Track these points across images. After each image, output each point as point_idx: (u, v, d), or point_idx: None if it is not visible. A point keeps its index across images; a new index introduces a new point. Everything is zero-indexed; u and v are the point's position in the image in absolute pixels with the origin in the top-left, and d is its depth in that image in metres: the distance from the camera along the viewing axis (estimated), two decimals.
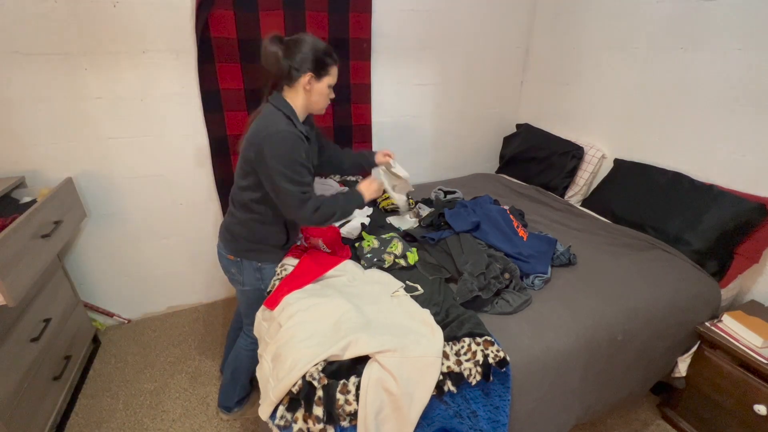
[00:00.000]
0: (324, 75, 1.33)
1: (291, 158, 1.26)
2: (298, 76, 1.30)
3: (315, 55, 1.29)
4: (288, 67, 1.29)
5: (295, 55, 1.28)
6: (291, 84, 1.33)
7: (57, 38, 1.74)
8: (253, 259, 1.49)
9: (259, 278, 1.51)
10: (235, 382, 1.68)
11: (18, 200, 1.72)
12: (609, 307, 1.47)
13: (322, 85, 1.34)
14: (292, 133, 1.27)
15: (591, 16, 2.33)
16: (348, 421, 1.06)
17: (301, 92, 1.34)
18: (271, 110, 1.32)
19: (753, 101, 1.71)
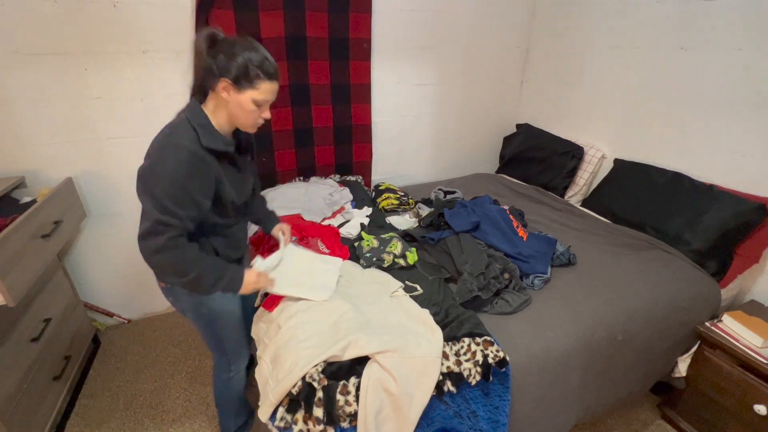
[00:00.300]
0: (247, 87, 1.09)
1: (172, 178, 1.04)
2: (215, 82, 1.09)
3: (242, 62, 1.07)
4: (208, 66, 1.08)
5: (218, 55, 1.07)
6: (213, 88, 1.11)
7: (57, 38, 1.74)
8: None
9: (197, 302, 1.26)
10: (226, 413, 1.56)
11: (18, 200, 1.72)
12: (609, 307, 1.47)
13: (243, 98, 1.10)
14: (189, 152, 1.05)
15: (591, 16, 2.33)
16: (348, 422, 1.06)
17: (218, 101, 1.13)
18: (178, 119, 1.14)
19: (753, 101, 1.71)
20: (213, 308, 1.28)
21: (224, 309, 1.31)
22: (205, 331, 1.35)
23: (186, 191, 1.06)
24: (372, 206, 2.12)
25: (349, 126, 2.41)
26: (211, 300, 1.26)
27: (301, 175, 2.42)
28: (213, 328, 1.33)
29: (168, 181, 1.05)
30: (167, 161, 1.06)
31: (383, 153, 2.63)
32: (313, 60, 2.17)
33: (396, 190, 2.34)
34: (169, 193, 1.05)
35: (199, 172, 1.08)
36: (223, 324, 1.33)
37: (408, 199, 2.29)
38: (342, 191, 2.24)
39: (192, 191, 1.08)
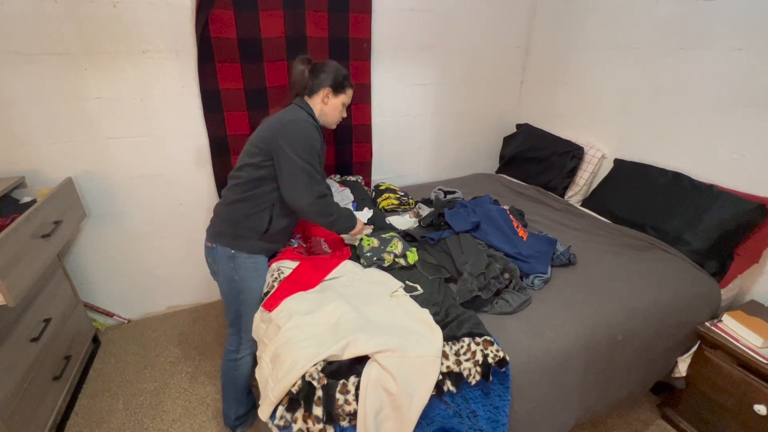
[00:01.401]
0: (340, 93, 1.52)
1: (309, 143, 1.37)
2: (319, 89, 1.49)
3: (336, 75, 1.50)
4: (312, 82, 1.49)
5: (320, 74, 1.49)
6: (311, 95, 1.51)
7: (57, 38, 1.74)
8: (227, 244, 1.45)
9: (232, 267, 1.46)
10: (229, 398, 1.62)
11: (18, 200, 1.72)
12: (609, 307, 1.47)
13: (337, 101, 1.52)
14: (312, 124, 1.42)
15: (591, 16, 2.33)
16: (347, 421, 1.06)
17: (318, 103, 1.51)
18: (293, 107, 1.48)
19: (753, 101, 1.71)
20: (243, 278, 1.47)
21: (252, 285, 1.49)
22: (229, 300, 1.52)
23: (317, 153, 1.42)
24: (372, 206, 2.12)
25: (349, 126, 2.41)
26: (245, 270, 1.46)
27: None
28: (237, 299, 1.49)
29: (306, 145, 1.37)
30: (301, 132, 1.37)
31: (383, 153, 2.63)
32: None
33: (396, 190, 2.34)
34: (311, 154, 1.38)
35: (318, 138, 1.43)
36: (246, 298, 1.49)
37: (408, 199, 2.29)
38: (342, 191, 2.24)
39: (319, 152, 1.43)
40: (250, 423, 1.69)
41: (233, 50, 1.98)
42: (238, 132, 2.14)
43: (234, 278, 1.47)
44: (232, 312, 1.52)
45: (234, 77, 2.03)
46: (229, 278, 1.48)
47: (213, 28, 1.90)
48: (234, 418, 1.64)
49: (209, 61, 1.96)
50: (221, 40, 1.94)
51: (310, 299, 1.35)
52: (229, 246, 1.45)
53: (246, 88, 2.08)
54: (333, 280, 1.49)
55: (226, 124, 2.11)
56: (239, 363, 1.56)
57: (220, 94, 2.04)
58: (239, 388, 1.60)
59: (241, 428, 1.67)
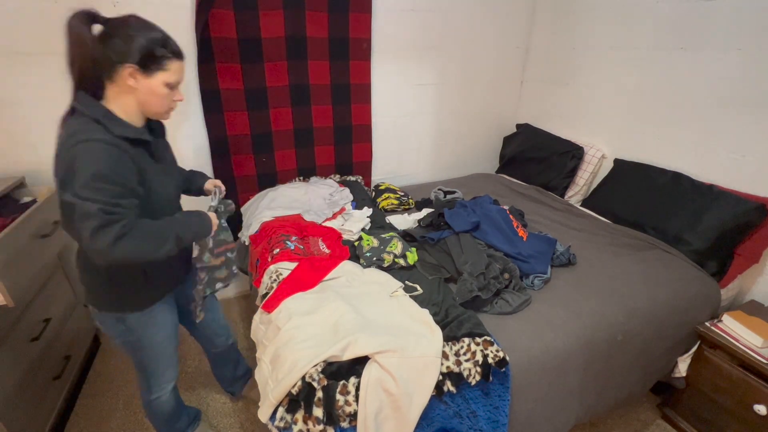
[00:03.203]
0: (156, 70, 1.01)
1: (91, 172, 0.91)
2: (117, 68, 0.98)
3: (144, 42, 0.98)
4: (103, 55, 0.97)
5: (112, 40, 0.97)
6: (111, 78, 1.00)
7: (57, 38, 1.73)
8: (109, 309, 1.17)
9: (125, 330, 1.19)
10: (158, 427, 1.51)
11: (18, 200, 1.72)
12: (609, 307, 1.47)
13: (154, 83, 1.02)
14: (99, 142, 0.94)
15: (591, 16, 2.33)
16: (348, 422, 1.06)
17: (126, 90, 1.01)
18: (72, 121, 1.01)
19: (753, 101, 1.71)
20: (141, 336, 1.22)
21: (153, 338, 1.25)
22: (131, 356, 1.29)
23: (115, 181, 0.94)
24: (372, 206, 2.12)
25: (349, 126, 2.41)
26: (139, 328, 1.20)
27: (301, 175, 2.42)
28: (138, 356, 1.28)
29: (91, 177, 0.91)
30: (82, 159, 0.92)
31: (383, 153, 2.63)
32: (313, 60, 2.17)
33: (396, 190, 2.35)
34: (99, 188, 0.92)
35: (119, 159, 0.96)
36: (149, 353, 1.28)
37: (408, 199, 2.29)
38: (342, 191, 2.24)
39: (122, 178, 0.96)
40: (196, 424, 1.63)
41: (233, 50, 1.98)
42: (238, 132, 2.14)
43: (130, 339, 1.22)
44: (137, 365, 1.31)
45: (234, 77, 2.03)
46: (125, 341, 1.23)
47: (213, 28, 1.90)
48: None
49: (209, 61, 1.96)
50: (221, 40, 1.94)
51: (310, 300, 1.36)
52: (113, 310, 1.17)
53: (246, 89, 2.07)
54: (332, 280, 1.49)
55: (226, 125, 2.11)
56: (155, 403, 1.39)
57: (220, 94, 2.04)
58: (165, 423, 1.48)
59: None
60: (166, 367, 1.35)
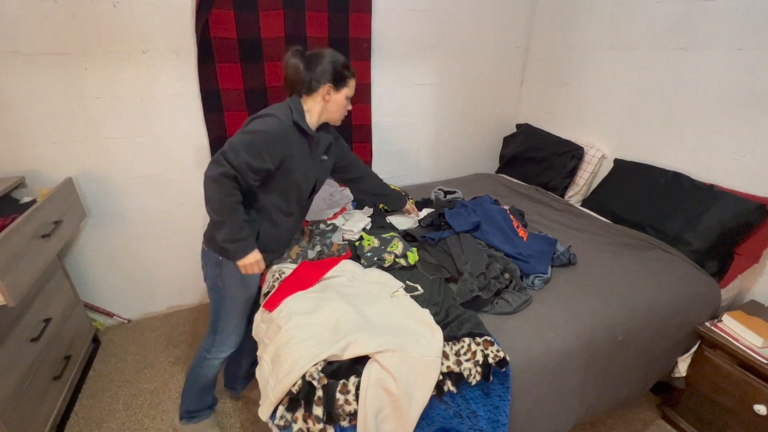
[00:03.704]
0: (342, 87, 1.39)
1: (253, 135, 1.24)
2: (318, 86, 1.36)
3: (334, 68, 1.36)
4: (309, 78, 1.35)
5: (316, 68, 1.35)
6: (310, 93, 1.38)
7: (57, 38, 1.74)
8: (217, 250, 1.37)
9: (217, 274, 1.39)
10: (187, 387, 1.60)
11: (18, 200, 1.72)
12: (609, 307, 1.47)
13: (340, 96, 1.40)
14: (281, 123, 1.28)
15: (591, 16, 2.33)
16: (348, 421, 1.06)
17: (319, 101, 1.39)
18: (278, 104, 1.36)
19: (753, 101, 1.71)
20: (227, 286, 1.40)
21: (235, 294, 1.43)
22: (212, 303, 1.46)
23: (258, 144, 1.23)
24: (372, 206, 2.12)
25: (349, 126, 2.41)
26: (229, 278, 1.39)
27: None
28: (219, 304, 1.44)
29: (250, 132, 1.24)
30: (258, 122, 1.26)
31: (383, 153, 2.63)
32: None
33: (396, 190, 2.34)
34: (244, 139, 1.23)
35: (278, 136, 1.27)
36: (227, 306, 1.44)
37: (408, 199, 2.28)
38: (343, 191, 2.23)
39: (263, 147, 1.24)
40: (196, 420, 1.65)
41: (233, 50, 1.98)
42: None
43: (218, 285, 1.41)
44: (213, 314, 1.48)
45: (234, 77, 2.03)
46: (214, 284, 1.42)
47: (213, 28, 1.90)
48: (185, 410, 1.63)
49: (209, 61, 1.96)
50: (221, 40, 1.94)
51: (311, 299, 1.36)
52: (218, 252, 1.37)
53: (246, 88, 2.07)
54: (333, 279, 1.49)
55: (226, 124, 2.11)
56: (206, 363, 1.53)
57: (220, 94, 2.04)
58: (197, 385, 1.58)
59: (187, 422, 1.64)
60: (234, 330, 1.50)
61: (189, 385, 1.59)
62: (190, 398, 1.61)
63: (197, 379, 1.57)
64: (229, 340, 1.51)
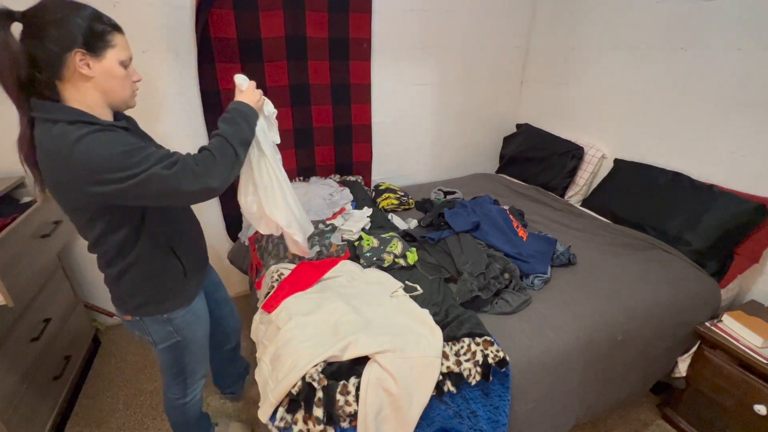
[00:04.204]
0: (104, 48, 0.90)
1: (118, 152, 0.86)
2: (65, 58, 0.86)
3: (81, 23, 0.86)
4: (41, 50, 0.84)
5: (45, 30, 0.84)
6: (60, 75, 0.88)
7: None
8: (155, 312, 1.14)
9: (171, 331, 1.17)
10: None
11: (18, 200, 1.72)
12: (609, 307, 1.47)
13: (107, 63, 0.91)
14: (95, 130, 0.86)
15: (591, 16, 2.33)
16: (348, 422, 1.06)
17: (82, 82, 0.89)
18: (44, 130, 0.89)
19: (753, 101, 1.71)
20: (186, 334, 1.21)
21: (197, 333, 1.26)
22: (170, 362, 1.25)
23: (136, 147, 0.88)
24: (372, 206, 2.12)
25: (349, 126, 2.41)
26: (185, 324, 1.19)
27: (301, 175, 2.42)
28: (181, 356, 1.24)
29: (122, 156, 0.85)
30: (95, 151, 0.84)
31: (383, 153, 2.63)
32: (313, 60, 2.17)
33: (396, 190, 2.34)
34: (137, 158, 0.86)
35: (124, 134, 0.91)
36: (192, 350, 1.26)
37: (408, 199, 2.29)
38: (342, 191, 2.24)
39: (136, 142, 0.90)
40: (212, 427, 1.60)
41: (233, 50, 1.98)
42: None
43: (176, 340, 1.20)
44: (176, 369, 1.27)
45: None
46: (169, 343, 1.19)
47: (213, 28, 1.90)
48: None
49: (209, 62, 1.96)
50: (221, 40, 1.93)
51: (310, 300, 1.36)
52: (159, 312, 1.14)
53: None
54: (332, 279, 1.49)
55: None
56: (188, 406, 1.38)
57: (220, 94, 2.04)
58: (196, 423, 1.47)
59: None
60: (202, 363, 1.35)
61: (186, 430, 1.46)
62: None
63: (189, 422, 1.43)
64: (201, 371, 1.35)
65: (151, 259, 1.08)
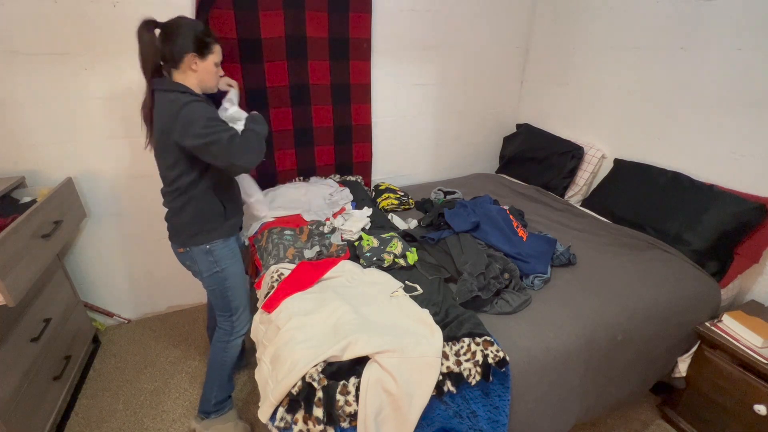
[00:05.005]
0: (208, 53, 1.36)
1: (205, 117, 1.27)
2: (182, 57, 1.31)
3: (195, 35, 1.32)
4: (170, 51, 1.31)
5: (176, 39, 1.30)
6: (177, 66, 1.33)
7: (57, 38, 1.74)
8: (200, 242, 1.45)
9: (212, 261, 1.48)
10: (213, 381, 1.64)
11: (18, 200, 1.72)
12: (609, 307, 1.47)
13: (207, 64, 1.37)
14: (194, 100, 1.29)
15: (591, 16, 2.33)
16: (348, 422, 1.06)
17: (189, 73, 1.35)
18: (162, 96, 1.31)
19: (753, 101, 1.71)
20: (224, 266, 1.50)
21: (233, 269, 1.53)
22: (216, 293, 1.54)
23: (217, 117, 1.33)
24: (372, 206, 2.12)
25: (349, 126, 2.41)
26: (222, 259, 1.49)
27: (301, 175, 2.42)
28: (224, 288, 1.52)
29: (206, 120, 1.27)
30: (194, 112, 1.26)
31: (383, 153, 2.63)
32: (313, 60, 2.17)
33: (396, 190, 2.35)
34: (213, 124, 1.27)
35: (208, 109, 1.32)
36: (231, 283, 1.53)
37: (408, 199, 2.29)
38: (342, 191, 2.24)
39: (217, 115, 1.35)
40: (226, 410, 1.68)
41: (233, 50, 1.98)
42: None
43: (216, 270, 1.50)
44: (221, 302, 1.56)
45: (234, 77, 2.02)
46: (212, 272, 1.50)
47: (213, 28, 1.89)
48: (214, 403, 1.64)
49: None
50: (221, 40, 1.93)
51: (310, 300, 1.36)
52: (203, 243, 1.45)
53: (246, 89, 2.07)
54: (332, 279, 1.49)
55: None
56: (230, 345, 1.60)
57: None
58: (225, 372, 1.64)
59: (216, 415, 1.66)
60: (245, 305, 1.61)
61: (215, 375, 1.63)
62: (217, 388, 1.65)
63: (224, 366, 1.62)
64: (245, 314, 1.61)
65: (204, 200, 1.42)
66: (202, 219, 1.44)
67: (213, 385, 1.64)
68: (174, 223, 1.47)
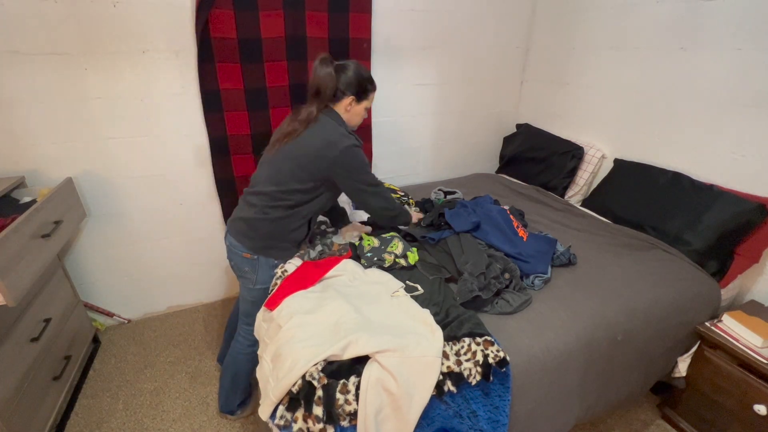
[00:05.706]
0: (364, 99, 1.49)
1: (365, 166, 1.45)
2: (342, 97, 1.45)
3: (359, 80, 1.45)
4: (335, 88, 1.43)
5: (342, 78, 1.44)
6: (334, 102, 1.47)
7: (57, 38, 1.74)
8: (272, 256, 1.51)
9: (272, 276, 1.53)
10: (236, 386, 1.69)
11: (18, 200, 1.72)
12: (609, 307, 1.47)
13: (360, 108, 1.50)
14: (358, 146, 1.44)
15: (591, 16, 2.34)
16: (348, 421, 1.06)
17: (342, 111, 1.48)
18: (328, 122, 1.43)
19: (753, 101, 1.71)
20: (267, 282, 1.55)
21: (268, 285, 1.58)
22: (255, 298, 1.55)
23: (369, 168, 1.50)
24: None
25: None
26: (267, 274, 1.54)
27: None
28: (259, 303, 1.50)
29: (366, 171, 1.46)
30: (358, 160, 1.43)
31: (383, 153, 2.63)
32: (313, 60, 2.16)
33: (396, 190, 2.34)
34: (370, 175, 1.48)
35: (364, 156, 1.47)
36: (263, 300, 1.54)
37: (408, 199, 2.29)
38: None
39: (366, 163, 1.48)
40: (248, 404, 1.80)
41: (233, 50, 1.98)
42: (238, 132, 2.14)
43: (269, 285, 1.54)
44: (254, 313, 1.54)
45: (234, 77, 2.03)
46: (266, 286, 1.54)
47: (213, 28, 1.90)
48: (238, 404, 1.74)
49: (209, 62, 1.96)
50: (221, 40, 1.93)
51: (311, 298, 1.36)
52: (274, 257, 1.52)
53: (246, 89, 2.07)
54: (334, 279, 1.49)
55: (226, 124, 2.11)
56: (248, 356, 1.63)
57: (220, 94, 2.04)
58: (248, 376, 1.69)
59: (241, 411, 1.77)
60: None
61: (237, 381, 1.68)
62: (242, 391, 1.72)
63: (247, 373, 1.67)
64: None
65: (296, 221, 1.50)
66: (284, 237, 1.51)
67: (237, 390, 1.70)
68: (256, 227, 1.48)
